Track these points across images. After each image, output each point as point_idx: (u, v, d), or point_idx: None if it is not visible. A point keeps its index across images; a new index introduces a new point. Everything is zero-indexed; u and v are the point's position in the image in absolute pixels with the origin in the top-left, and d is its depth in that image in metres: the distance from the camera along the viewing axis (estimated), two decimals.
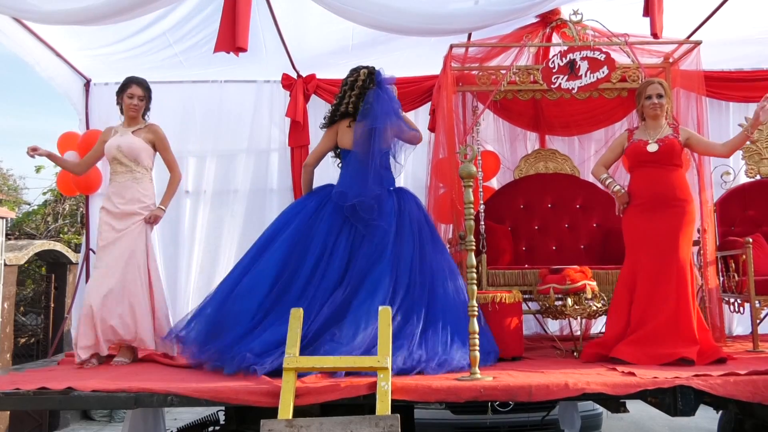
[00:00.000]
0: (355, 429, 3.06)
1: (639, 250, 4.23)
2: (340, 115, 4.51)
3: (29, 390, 3.42)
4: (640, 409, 5.59)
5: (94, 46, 5.70)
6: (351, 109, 4.46)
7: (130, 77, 4.82)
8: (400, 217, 4.32)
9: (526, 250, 5.68)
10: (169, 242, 6.45)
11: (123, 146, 4.66)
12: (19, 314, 8.83)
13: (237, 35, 4.21)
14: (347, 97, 4.47)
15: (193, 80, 6.45)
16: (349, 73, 4.54)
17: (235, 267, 4.44)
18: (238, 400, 3.33)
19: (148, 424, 4.43)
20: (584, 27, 5.19)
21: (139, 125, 4.79)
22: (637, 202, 4.31)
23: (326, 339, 3.85)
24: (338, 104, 4.51)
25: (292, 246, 4.23)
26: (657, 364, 3.88)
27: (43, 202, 13.17)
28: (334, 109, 4.55)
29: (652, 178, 4.30)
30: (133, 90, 4.73)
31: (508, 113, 6.09)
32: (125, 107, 4.76)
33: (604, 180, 4.50)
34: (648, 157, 4.30)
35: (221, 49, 4.34)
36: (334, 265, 4.17)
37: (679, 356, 3.92)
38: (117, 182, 4.68)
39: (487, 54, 5.44)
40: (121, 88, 4.79)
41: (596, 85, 5.01)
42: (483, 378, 3.44)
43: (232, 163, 6.53)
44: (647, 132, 4.40)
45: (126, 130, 4.76)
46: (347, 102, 4.46)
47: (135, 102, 4.72)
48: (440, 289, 4.17)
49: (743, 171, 5.63)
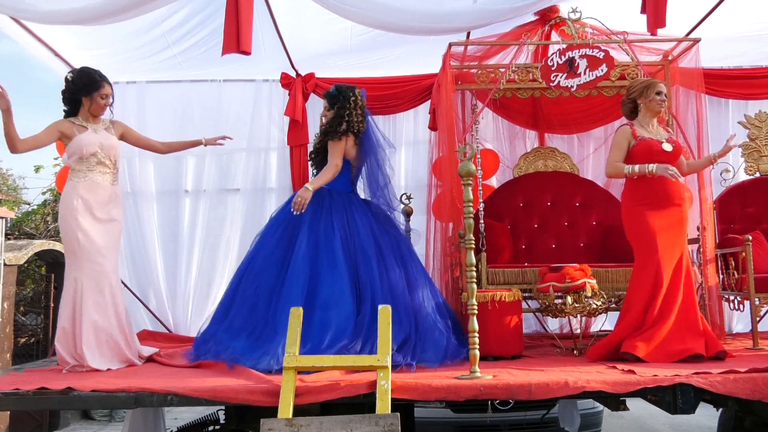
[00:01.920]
0: (355, 428, 3.06)
1: (655, 250, 4.15)
2: (349, 131, 4.58)
3: (29, 390, 3.42)
4: (641, 407, 5.59)
5: (93, 46, 5.69)
6: (360, 128, 4.62)
7: (100, 74, 4.47)
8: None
9: (525, 249, 5.68)
10: (169, 240, 6.45)
11: (105, 145, 4.39)
12: (19, 314, 8.83)
13: (240, 38, 4.21)
14: (355, 116, 4.58)
15: (192, 80, 6.45)
16: (346, 92, 4.62)
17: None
18: (238, 400, 3.33)
19: (148, 424, 4.43)
20: (583, 25, 5.18)
21: (104, 124, 4.53)
22: (646, 201, 4.25)
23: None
24: (347, 121, 4.56)
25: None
26: (670, 361, 3.89)
27: (43, 201, 13.16)
28: (340, 122, 4.56)
29: (661, 177, 4.24)
30: (106, 90, 4.44)
31: (507, 111, 6.09)
32: (96, 106, 4.41)
33: (630, 171, 4.25)
34: (663, 157, 4.27)
35: (229, 51, 4.32)
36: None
37: (691, 352, 3.94)
38: (95, 182, 4.35)
39: (486, 52, 5.44)
40: (91, 84, 4.40)
41: (595, 83, 5.00)
42: (483, 376, 3.44)
43: (231, 162, 6.53)
44: (647, 130, 4.39)
45: (97, 127, 4.46)
46: (357, 121, 4.59)
47: (108, 101, 4.46)
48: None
49: (743, 168, 5.63)
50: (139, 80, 6.38)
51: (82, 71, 4.48)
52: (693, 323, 4.11)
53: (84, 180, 4.35)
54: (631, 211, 4.33)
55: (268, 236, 4.62)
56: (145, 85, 6.43)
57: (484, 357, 3.95)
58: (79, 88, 4.42)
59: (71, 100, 4.47)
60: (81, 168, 4.36)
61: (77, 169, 4.36)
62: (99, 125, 4.49)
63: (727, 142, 4.47)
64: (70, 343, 4.17)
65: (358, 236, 4.47)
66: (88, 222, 4.28)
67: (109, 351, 4.23)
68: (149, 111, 6.40)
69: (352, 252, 4.42)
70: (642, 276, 4.21)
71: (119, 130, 4.61)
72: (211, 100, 6.49)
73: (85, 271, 4.25)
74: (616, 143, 4.43)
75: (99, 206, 4.35)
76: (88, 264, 4.27)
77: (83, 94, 4.42)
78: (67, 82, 4.49)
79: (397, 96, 6.27)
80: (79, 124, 4.43)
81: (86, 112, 4.47)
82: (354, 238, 4.47)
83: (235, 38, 4.22)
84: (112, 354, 4.24)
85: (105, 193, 4.40)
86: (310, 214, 4.49)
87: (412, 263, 4.57)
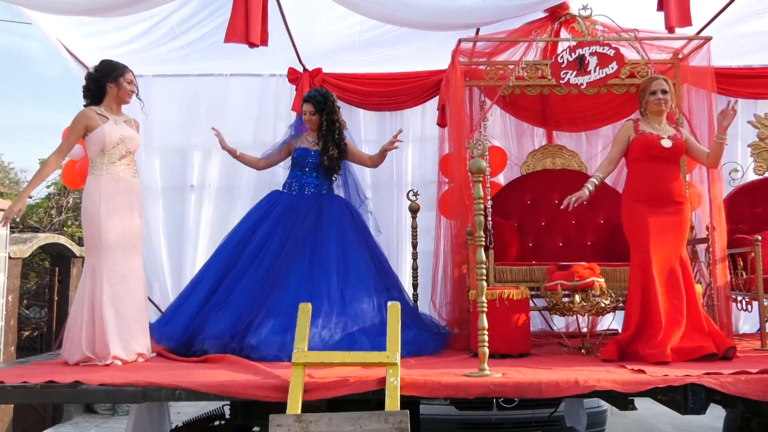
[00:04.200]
0: (364, 424, 3.05)
1: (650, 247, 4.16)
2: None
3: (36, 383, 3.40)
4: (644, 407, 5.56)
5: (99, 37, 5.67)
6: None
7: (122, 63, 4.43)
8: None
9: (532, 247, 5.64)
10: (174, 235, 6.44)
11: (126, 137, 4.33)
12: (23, 307, 8.83)
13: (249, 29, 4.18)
14: (340, 118, 5.11)
15: (199, 74, 6.43)
16: (330, 96, 5.07)
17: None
18: (247, 395, 3.32)
19: (153, 418, 4.42)
20: (593, 22, 5.14)
21: (125, 117, 4.46)
22: (641, 197, 4.26)
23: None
24: (339, 124, 5.06)
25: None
26: (684, 360, 3.88)
27: (47, 195, 13.16)
28: (339, 128, 5.03)
29: (660, 174, 4.27)
30: (130, 76, 4.42)
31: (515, 109, 6.06)
32: (123, 91, 4.36)
33: (593, 180, 4.40)
34: (661, 153, 4.26)
35: (232, 40, 4.29)
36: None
37: (705, 351, 3.94)
38: (117, 175, 4.28)
39: (495, 49, 5.40)
40: (117, 70, 4.36)
41: (605, 80, 4.96)
42: (492, 374, 3.42)
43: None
44: (652, 126, 4.36)
45: (118, 119, 4.38)
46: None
47: (133, 87, 4.42)
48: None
49: (751, 168, 5.60)
50: (146, 74, 6.34)
51: (104, 61, 4.47)
52: (697, 323, 4.10)
53: (106, 173, 4.28)
54: (628, 207, 4.34)
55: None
56: (151, 79, 6.40)
57: (491, 355, 3.92)
58: (104, 75, 4.37)
59: (96, 89, 4.39)
60: (103, 161, 4.29)
61: (99, 162, 4.29)
62: (120, 117, 4.43)
63: (726, 108, 4.24)
64: (82, 335, 4.12)
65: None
66: (110, 216, 4.22)
67: (125, 343, 4.16)
68: (155, 105, 6.35)
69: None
70: (634, 273, 4.26)
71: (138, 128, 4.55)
72: (218, 95, 6.47)
73: (106, 265, 4.18)
74: (616, 139, 4.54)
75: (122, 200, 4.29)
76: (110, 257, 4.19)
77: (109, 81, 4.36)
78: (89, 74, 4.48)
79: (405, 92, 6.25)
80: (101, 114, 4.34)
81: (111, 101, 4.39)
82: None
83: (243, 29, 4.20)
84: (128, 346, 4.17)
85: (127, 186, 4.35)
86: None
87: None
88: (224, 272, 4.69)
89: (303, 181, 4.98)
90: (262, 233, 4.78)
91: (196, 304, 4.59)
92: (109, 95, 4.38)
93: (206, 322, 4.42)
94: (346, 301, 4.48)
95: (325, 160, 4.93)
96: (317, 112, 4.98)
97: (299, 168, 5.02)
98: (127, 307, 4.20)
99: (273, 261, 4.62)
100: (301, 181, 4.98)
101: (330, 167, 4.97)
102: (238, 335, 4.26)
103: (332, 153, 4.94)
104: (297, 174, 5.02)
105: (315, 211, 4.86)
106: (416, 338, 4.46)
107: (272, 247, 4.69)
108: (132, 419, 4.40)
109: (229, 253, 4.78)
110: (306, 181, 4.98)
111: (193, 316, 4.52)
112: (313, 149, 5.00)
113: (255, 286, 4.51)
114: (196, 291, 4.72)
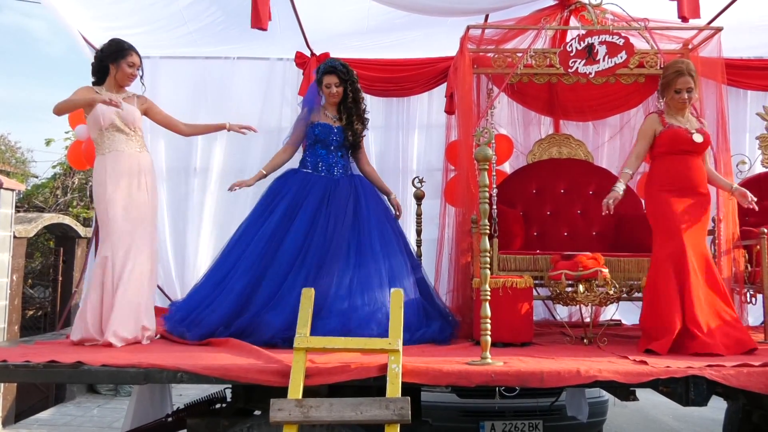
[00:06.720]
0: (365, 410, 3.05)
1: (679, 234, 4.11)
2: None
3: (39, 363, 3.41)
4: (644, 398, 5.56)
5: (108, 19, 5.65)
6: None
7: (130, 44, 4.42)
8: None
9: (537, 236, 5.63)
10: (177, 218, 6.45)
11: (122, 113, 4.28)
12: (27, 287, 8.86)
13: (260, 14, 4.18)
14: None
15: (206, 56, 6.42)
16: (352, 70, 4.79)
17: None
18: (248, 379, 3.32)
19: (154, 400, 4.45)
20: (603, 11, 5.09)
21: (127, 94, 4.46)
22: (670, 187, 4.22)
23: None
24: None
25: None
26: (741, 351, 3.88)
27: (53, 175, 13.18)
28: (363, 104, 4.91)
29: (688, 165, 4.24)
30: (134, 58, 4.39)
31: (522, 97, 6.01)
32: (122, 74, 4.37)
33: (624, 176, 4.39)
34: (691, 147, 4.24)
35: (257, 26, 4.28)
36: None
37: (750, 346, 3.94)
38: (119, 152, 4.28)
39: (503, 36, 5.36)
40: (119, 52, 4.36)
41: (614, 70, 4.92)
42: (494, 363, 3.42)
43: (242, 141, 6.48)
44: (677, 119, 4.32)
45: (118, 97, 4.32)
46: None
47: (134, 71, 4.42)
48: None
49: (759, 161, 5.56)
50: (153, 55, 6.33)
51: (111, 41, 4.46)
52: (732, 315, 4.11)
53: (109, 153, 4.30)
54: (654, 196, 4.30)
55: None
56: (158, 61, 6.39)
57: (494, 343, 3.91)
58: (107, 56, 4.40)
59: (99, 68, 4.44)
60: (103, 141, 4.32)
61: (100, 142, 4.33)
62: (121, 95, 4.41)
63: (746, 197, 4.36)
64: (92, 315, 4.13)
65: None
66: (117, 195, 4.24)
67: (134, 323, 4.18)
68: (162, 86, 6.36)
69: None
70: (665, 261, 4.13)
71: (144, 104, 4.54)
72: (224, 78, 6.46)
73: (116, 245, 4.20)
74: (641, 133, 4.41)
75: (128, 176, 4.29)
76: (116, 233, 4.20)
77: (110, 61, 4.39)
78: (96, 53, 4.49)
79: (412, 78, 6.22)
80: (98, 93, 4.34)
81: (112, 82, 4.42)
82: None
83: (260, 13, 4.19)
84: (136, 326, 4.19)
85: (132, 161, 4.33)
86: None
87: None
88: (264, 264, 4.38)
89: (330, 160, 4.72)
90: (304, 222, 4.49)
91: (234, 298, 4.27)
92: (110, 75, 4.42)
93: (257, 324, 4.14)
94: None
95: (349, 135, 4.71)
96: (342, 83, 4.70)
97: (323, 146, 4.73)
98: (132, 283, 4.20)
99: (321, 253, 4.38)
100: (327, 160, 4.72)
101: (354, 143, 4.77)
102: (291, 339, 4.05)
103: (357, 127, 4.74)
104: (322, 153, 4.74)
105: (353, 197, 4.63)
106: (442, 328, 4.38)
107: (317, 239, 4.43)
108: (134, 400, 4.43)
109: (266, 243, 4.45)
110: (333, 160, 4.73)
111: (237, 312, 4.22)
112: (335, 126, 4.74)
113: (305, 283, 4.10)
114: (230, 283, 4.37)
